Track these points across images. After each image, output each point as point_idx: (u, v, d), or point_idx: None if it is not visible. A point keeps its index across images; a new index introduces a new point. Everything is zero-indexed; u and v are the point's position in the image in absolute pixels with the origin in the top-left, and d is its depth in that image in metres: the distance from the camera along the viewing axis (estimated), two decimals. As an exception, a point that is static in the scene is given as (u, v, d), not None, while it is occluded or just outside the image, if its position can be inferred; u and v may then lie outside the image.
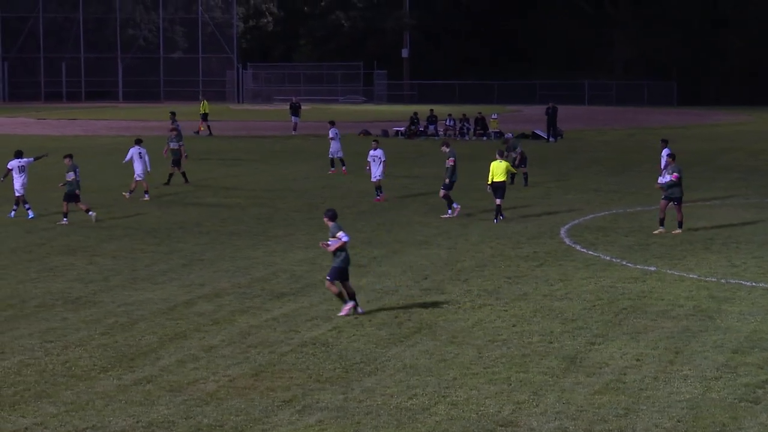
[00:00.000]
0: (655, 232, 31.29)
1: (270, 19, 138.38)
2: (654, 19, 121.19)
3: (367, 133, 71.42)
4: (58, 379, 17.66)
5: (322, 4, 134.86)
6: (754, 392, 16.98)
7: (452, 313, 22.17)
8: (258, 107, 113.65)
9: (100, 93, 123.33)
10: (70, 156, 34.94)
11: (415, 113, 73.60)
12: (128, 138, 68.34)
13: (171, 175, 43.20)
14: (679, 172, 31.43)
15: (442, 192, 35.27)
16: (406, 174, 47.42)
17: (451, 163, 35.27)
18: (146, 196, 39.27)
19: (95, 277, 25.64)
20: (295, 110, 73.64)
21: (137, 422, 15.77)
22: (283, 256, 28.22)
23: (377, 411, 16.21)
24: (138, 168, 39.14)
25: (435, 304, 22.87)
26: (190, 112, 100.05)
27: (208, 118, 72.77)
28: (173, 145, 43.83)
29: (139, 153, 39.28)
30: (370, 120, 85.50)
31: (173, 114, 63.43)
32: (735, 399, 16.67)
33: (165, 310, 22.43)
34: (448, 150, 35.65)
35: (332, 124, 49.61)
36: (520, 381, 17.52)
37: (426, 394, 16.90)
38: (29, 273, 26.14)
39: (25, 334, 20.44)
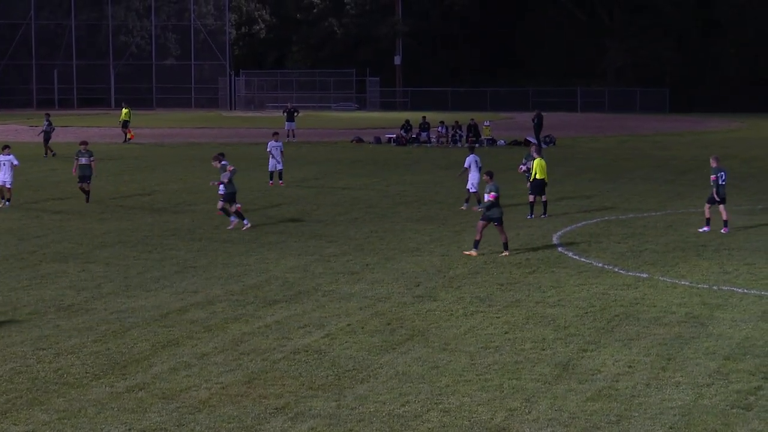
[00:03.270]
0: (466, 252, 29.51)
1: (263, 26, 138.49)
2: (647, 27, 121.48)
3: (359, 140, 71.47)
4: (50, 387, 17.63)
5: (315, 11, 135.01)
6: (746, 399, 17.00)
7: (445, 320, 22.17)
8: (251, 114, 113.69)
9: (93, 100, 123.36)
10: None
11: (407, 121, 73.64)
12: (121, 146, 68.38)
13: (87, 192, 40.19)
14: (496, 191, 29.25)
15: (220, 204, 34.58)
16: (398, 181, 47.44)
17: (228, 176, 34.67)
18: (7, 203, 38.98)
19: (88, 285, 25.61)
20: (291, 116, 73.61)
21: (130, 430, 15.75)
22: (276, 264, 28.21)
23: (370, 418, 16.20)
24: (4, 175, 38.98)
25: (427, 311, 22.87)
26: (183, 119, 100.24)
27: (129, 125, 72.67)
28: (84, 161, 40.34)
29: (8, 161, 39.01)
30: (363, 127, 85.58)
31: (48, 115, 63.26)
32: (727, 405, 16.68)
33: (157, 317, 22.40)
34: (220, 165, 34.84)
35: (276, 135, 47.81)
36: (513, 388, 17.52)
37: (418, 401, 16.90)
38: (21, 280, 26.10)
39: (17, 342, 20.41)
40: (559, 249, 30.34)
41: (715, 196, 33.46)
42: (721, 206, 33.46)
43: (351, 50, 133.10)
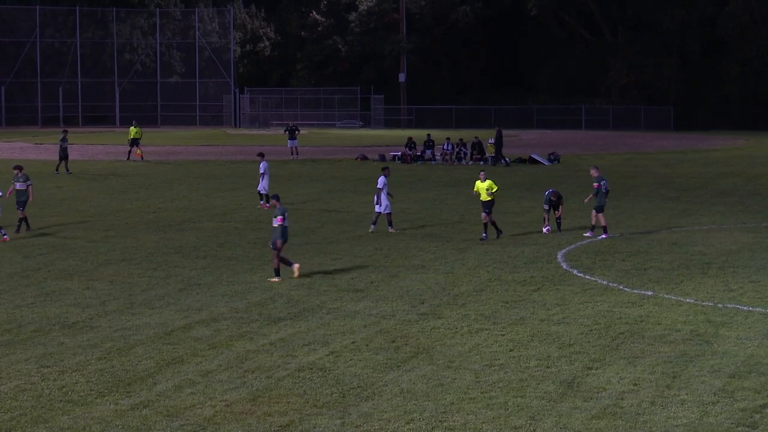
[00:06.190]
0: (270, 280, 28.25)
1: (267, 43, 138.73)
2: (651, 45, 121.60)
3: (364, 158, 71.48)
4: (54, 404, 17.62)
5: (320, 28, 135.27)
6: (752, 417, 16.97)
7: (449, 337, 22.15)
8: (255, 132, 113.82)
9: (97, 118, 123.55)
10: None
11: (410, 138, 73.60)
12: (125, 163, 68.47)
13: (22, 219, 37.15)
14: (283, 215, 28.22)
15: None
16: (402, 199, 47.41)
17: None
18: None
19: (92, 302, 25.61)
20: (292, 134, 73.66)
21: (134, 447, 15.75)
22: (280, 281, 28.18)
23: (374, 436, 16.19)
24: None
25: (432, 329, 22.85)
26: (187, 137, 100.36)
27: (139, 143, 71.47)
28: (20, 186, 37.55)
29: None
30: (367, 145, 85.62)
31: (65, 132, 62.86)
32: (732, 424, 16.65)
33: (162, 334, 22.40)
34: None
35: (262, 156, 45.91)
36: (518, 406, 17.50)
37: (423, 419, 16.87)
38: (26, 298, 26.11)
39: (21, 359, 20.41)
40: (564, 266, 30.32)
41: (595, 201, 36.26)
42: (600, 214, 36.04)
43: (355, 68, 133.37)
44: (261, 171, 44.63)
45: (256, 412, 17.26)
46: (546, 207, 36.98)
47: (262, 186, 44.59)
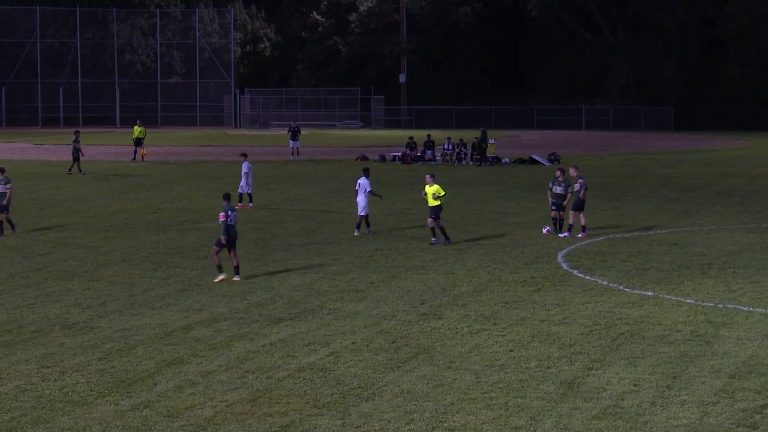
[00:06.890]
0: (216, 280, 28.19)
1: (267, 44, 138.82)
2: (651, 45, 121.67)
3: (364, 158, 71.48)
4: (55, 405, 17.62)
5: (320, 29, 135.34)
6: (752, 417, 16.97)
7: (450, 338, 22.15)
8: (255, 132, 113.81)
9: (98, 118, 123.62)
10: None
11: (411, 138, 73.60)
12: (126, 164, 68.46)
13: (9, 222, 36.71)
14: (224, 212, 28.08)
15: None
16: (403, 199, 47.43)
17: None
18: None
19: (92, 303, 25.61)
20: (294, 134, 73.69)
21: (134, 448, 15.74)
22: (281, 281, 28.20)
23: (375, 436, 16.19)
24: None
25: (432, 329, 22.85)
26: (188, 137, 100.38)
27: (143, 143, 71.38)
28: (1, 189, 36.66)
29: None
30: (368, 145, 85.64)
31: (77, 132, 62.65)
32: (732, 424, 16.65)
33: (162, 335, 22.40)
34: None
35: (245, 156, 45.41)
36: (518, 406, 17.50)
37: (423, 420, 16.87)
38: (26, 298, 26.11)
39: (22, 360, 20.41)
40: (564, 267, 30.32)
41: (573, 200, 36.25)
42: (581, 213, 36.13)
43: (356, 68, 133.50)
44: (245, 171, 44.45)
45: (257, 412, 17.26)
46: (550, 185, 36.98)
47: (242, 186, 44.46)
